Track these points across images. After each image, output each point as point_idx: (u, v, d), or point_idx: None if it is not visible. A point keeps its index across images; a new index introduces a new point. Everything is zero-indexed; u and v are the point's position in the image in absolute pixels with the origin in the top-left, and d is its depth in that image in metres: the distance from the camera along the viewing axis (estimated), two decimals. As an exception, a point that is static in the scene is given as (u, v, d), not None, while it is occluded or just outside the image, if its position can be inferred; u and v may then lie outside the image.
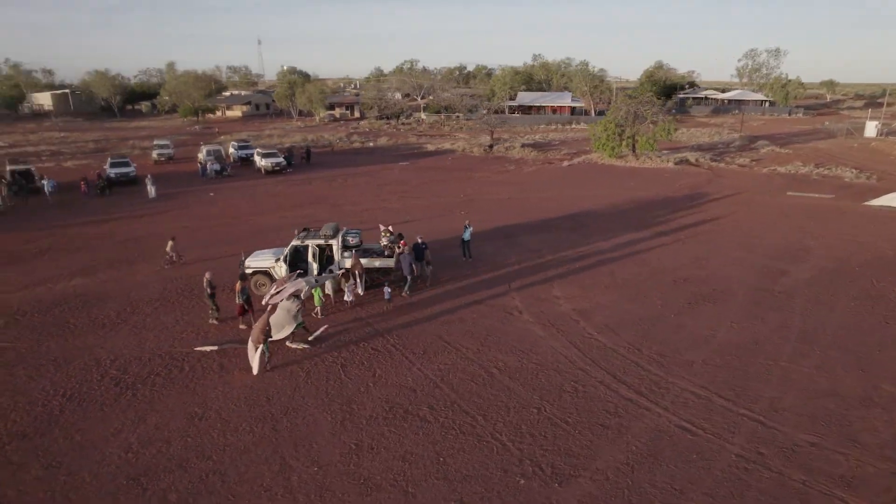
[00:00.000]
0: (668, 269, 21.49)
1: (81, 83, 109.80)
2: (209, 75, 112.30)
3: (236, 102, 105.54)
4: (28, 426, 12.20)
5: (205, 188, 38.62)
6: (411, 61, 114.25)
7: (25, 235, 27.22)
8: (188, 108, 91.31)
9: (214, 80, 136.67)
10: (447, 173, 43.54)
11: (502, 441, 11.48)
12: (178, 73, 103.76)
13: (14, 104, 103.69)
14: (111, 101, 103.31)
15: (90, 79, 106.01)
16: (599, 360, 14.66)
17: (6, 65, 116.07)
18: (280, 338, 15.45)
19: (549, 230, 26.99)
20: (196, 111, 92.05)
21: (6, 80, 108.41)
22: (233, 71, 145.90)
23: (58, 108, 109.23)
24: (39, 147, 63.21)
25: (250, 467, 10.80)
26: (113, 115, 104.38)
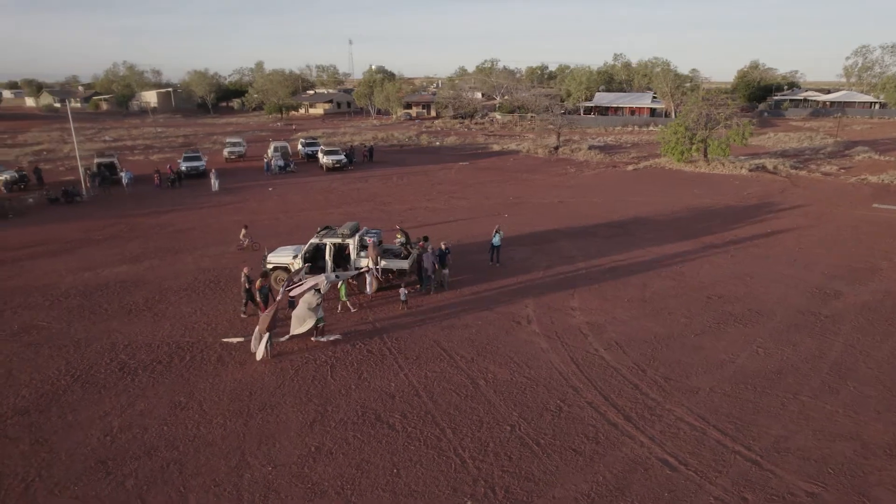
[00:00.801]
0: (705, 284, 19.94)
1: (182, 82, 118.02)
2: (296, 74, 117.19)
3: (319, 100, 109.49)
4: (32, 403, 13.08)
5: (266, 183, 40.24)
6: (491, 60, 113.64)
7: (95, 223, 29.47)
8: (273, 106, 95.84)
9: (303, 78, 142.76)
10: (504, 174, 42.87)
11: (463, 458, 11.01)
12: (267, 72, 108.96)
13: (125, 102, 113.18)
14: (206, 99, 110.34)
15: (190, 78, 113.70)
16: (596, 379, 13.78)
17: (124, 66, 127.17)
18: (300, 332, 15.63)
19: (590, 236, 25.86)
20: (280, 108, 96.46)
21: (121, 80, 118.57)
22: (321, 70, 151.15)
23: (162, 105, 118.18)
24: (136, 141, 68.51)
25: (210, 461, 10.99)
26: (207, 112, 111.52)
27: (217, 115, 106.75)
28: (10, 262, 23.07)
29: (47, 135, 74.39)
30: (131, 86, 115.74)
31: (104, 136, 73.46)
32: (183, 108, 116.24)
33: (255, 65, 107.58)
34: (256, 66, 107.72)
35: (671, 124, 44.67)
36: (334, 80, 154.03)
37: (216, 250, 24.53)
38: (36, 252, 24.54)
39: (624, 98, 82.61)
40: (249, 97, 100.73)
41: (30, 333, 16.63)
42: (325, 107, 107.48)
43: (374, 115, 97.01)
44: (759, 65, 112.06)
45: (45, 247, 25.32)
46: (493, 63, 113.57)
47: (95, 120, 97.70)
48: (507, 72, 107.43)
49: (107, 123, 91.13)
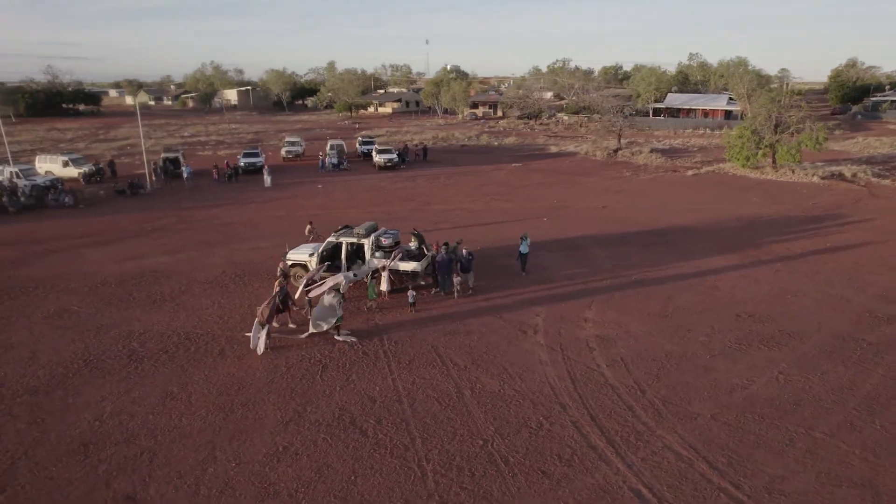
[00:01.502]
0: (738, 301, 18.51)
1: (260, 80, 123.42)
2: (367, 74, 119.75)
3: (389, 100, 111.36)
4: (43, 383, 13.91)
5: (317, 180, 41.24)
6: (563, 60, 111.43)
7: (150, 215, 31.21)
8: (343, 104, 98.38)
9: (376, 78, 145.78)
10: (554, 177, 41.83)
11: (425, 470, 10.69)
12: (339, 71, 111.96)
13: (208, 100, 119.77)
14: (282, 97, 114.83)
15: (267, 77, 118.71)
16: (588, 397, 13.05)
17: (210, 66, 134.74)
18: (320, 331, 15.80)
19: (627, 244, 24.69)
20: (350, 107, 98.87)
21: (205, 79, 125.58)
22: (394, 69, 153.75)
23: (241, 102, 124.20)
24: (210, 137, 72.26)
25: (181, 452, 11.25)
26: (282, 109, 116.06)
27: (291, 113, 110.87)
28: (66, 250, 24.77)
29: (135, 130, 79.76)
30: (214, 84, 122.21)
31: (183, 132, 77.99)
32: (260, 106, 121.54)
33: (327, 64, 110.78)
34: (328, 66, 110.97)
35: (737, 127, 42.00)
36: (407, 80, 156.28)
37: (251, 245, 25.31)
38: (92, 241, 26.24)
39: (697, 99, 78.58)
40: (321, 95, 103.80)
41: (62, 317, 17.74)
42: (393, 106, 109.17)
43: (441, 115, 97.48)
44: (856, 63, 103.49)
45: (100, 236, 27.04)
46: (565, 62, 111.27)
47: (180, 116, 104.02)
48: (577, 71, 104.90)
49: (190, 120, 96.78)
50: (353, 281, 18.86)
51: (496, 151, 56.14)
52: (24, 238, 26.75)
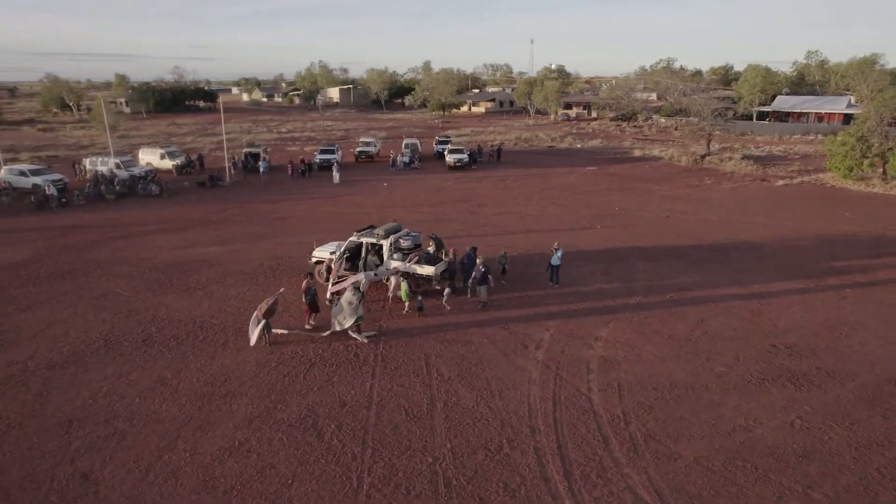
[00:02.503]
0: (781, 329, 16.52)
1: (361, 79, 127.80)
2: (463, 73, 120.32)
3: (482, 99, 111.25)
4: (63, 359, 15.15)
5: (384, 179, 41.96)
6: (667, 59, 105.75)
7: (220, 206, 33.22)
8: (436, 103, 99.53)
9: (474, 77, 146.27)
10: (625, 182, 39.71)
11: (363, 483, 10.44)
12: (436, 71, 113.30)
13: (311, 97, 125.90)
14: (380, 95, 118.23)
15: (368, 76, 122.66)
16: (563, 423, 12.17)
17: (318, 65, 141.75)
18: (341, 329, 16.04)
19: (675, 259, 22.87)
20: (442, 106, 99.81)
21: (311, 77, 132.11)
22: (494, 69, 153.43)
23: (343, 100, 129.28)
24: (304, 133, 75.83)
25: (146, 438, 11.78)
26: (380, 108, 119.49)
27: (388, 111, 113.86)
28: (135, 236, 26.95)
29: (239, 126, 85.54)
30: (318, 82, 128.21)
31: (282, 128, 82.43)
32: (360, 104, 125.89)
33: (423, 64, 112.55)
34: (424, 66, 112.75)
35: (842, 133, 37.56)
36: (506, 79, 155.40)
37: (297, 239, 26.14)
38: (160, 228, 28.37)
39: (811, 102, 71.18)
40: (416, 94, 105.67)
41: (105, 299, 19.27)
42: (486, 105, 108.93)
43: (533, 115, 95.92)
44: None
45: (169, 224, 29.16)
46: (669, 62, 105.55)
47: (284, 113, 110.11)
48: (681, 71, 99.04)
49: (292, 116, 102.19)
50: (373, 280, 18.91)
51: (576, 154, 54.29)
52: (107, 223, 29.43)
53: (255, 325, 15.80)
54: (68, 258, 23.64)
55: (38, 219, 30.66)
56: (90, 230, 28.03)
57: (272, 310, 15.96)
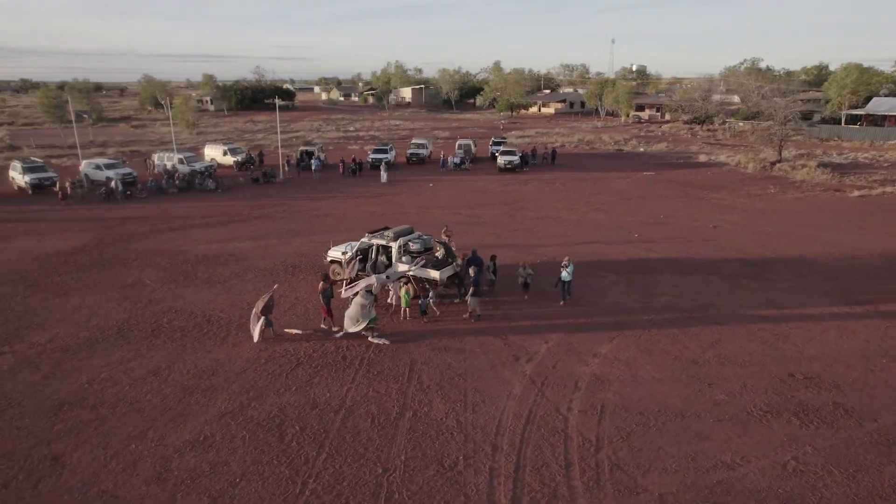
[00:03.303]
0: (805, 357, 15.03)
1: (432, 79, 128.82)
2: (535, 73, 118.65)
3: (552, 100, 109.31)
4: (78, 343, 16.11)
5: (432, 179, 42.00)
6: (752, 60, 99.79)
7: (265, 202, 34.42)
8: (504, 104, 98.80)
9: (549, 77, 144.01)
10: (680, 189, 37.67)
11: (306, 488, 10.37)
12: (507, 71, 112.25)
13: (383, 97, 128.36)
14: (450, 95, 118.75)
15: (439, 76, 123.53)
16: (529, 444, 11.59)
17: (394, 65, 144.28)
18: (354, 331, 16.04)
19: (711, 272, 21.40)
20: (511, 107, 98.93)
21: (384, 76, 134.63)
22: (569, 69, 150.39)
23: (414, 100, 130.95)
24: (370, 132, 77.37)
25: (122, 426, 12.26)
26: (450, 108, 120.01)
27: (457, 111, 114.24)
28: (180, 229, 28.38)
29: (310, 124, 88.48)
30: (391, 82, 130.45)
31: (350, 127, 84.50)
32: (431, 104, 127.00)
33: (493, 64, 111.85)
34: (494, 66, 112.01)
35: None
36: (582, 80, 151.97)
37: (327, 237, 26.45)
38: (204, 222, 29.73)
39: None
40: (485, 95, 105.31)
41: (133, 288, 20.37)
42: (556, 106, 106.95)
43: (603, 117, 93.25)
44: None
45: (213, 218, 30.50)
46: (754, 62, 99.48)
47: (356, 112, 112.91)
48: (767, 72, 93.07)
49: (363, 116, 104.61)
50: (385, 283, 18.87)
51: (637, 158, 52.16)
52: (159, 216, 31.19)
53: (255, 322, 16.19)
54: (115, 248, 25.20)
55: (104, 209, 32.93)
56: (142, 222, 29.78)
57: (269, 306, 16.28)
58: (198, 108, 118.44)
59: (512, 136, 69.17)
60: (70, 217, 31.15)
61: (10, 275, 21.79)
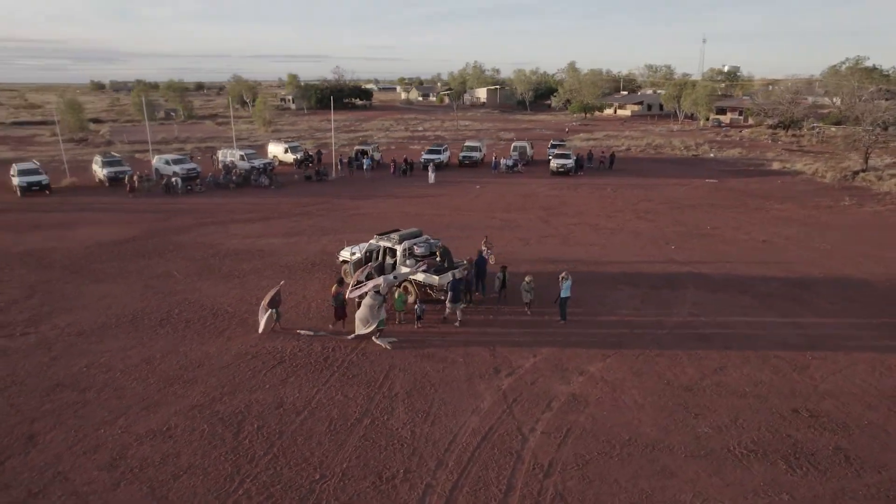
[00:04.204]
0: (817, 393, 13.54)
1: (507, 80, 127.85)
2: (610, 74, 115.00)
3: (629, 102, 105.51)
4: (90, 329, 17.19)
5: (480, 181, 41.61)
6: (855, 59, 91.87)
7: (310, 199, 35.40)
8: (577, 105, 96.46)
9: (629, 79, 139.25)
10: (739, 199, 35.15)
11: (240, 488, 10.47)
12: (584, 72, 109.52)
13: (458, 97, 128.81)
14: (525, 96, 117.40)
15: (514, 76, 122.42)
16: (477, 463, 11.14)
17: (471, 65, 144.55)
18: (364, 333, 16.10)
19: (741, 291, 19.80)
20: (584, 108, 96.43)
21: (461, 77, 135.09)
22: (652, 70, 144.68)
23: (489, 100, 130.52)
24: (437, 132, 77.86)
25: (100, 411, 12.90)
26: (524, 108, 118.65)
27: (530, 112, 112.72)
28: (220, 224, 29.71)
29: (381, 123, 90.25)
30: (467, 83, 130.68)
31: (419, 126, 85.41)
32: (504, 104, 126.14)
33: (567, 65, 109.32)
34: (568, 66, 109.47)
35: None
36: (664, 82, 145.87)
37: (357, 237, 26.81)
38: (246, 217, 30.97)
39: None
40: (559, 96, 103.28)
41: (159, 279, 21.51)
42: (633, 108, 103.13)
43: (681, 120, 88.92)
44: None
45: (256, 214, 31.72)
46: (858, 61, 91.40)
47: (429, 112, 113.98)
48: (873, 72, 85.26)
49: (435, 116, 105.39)
50: (392, 284, 18.85)
51: (703, 164, 49.26)
52: (207, 210, 32.81)
53: (263, 314, 16.66)
54: (158, 240, 26.75)
55: (163, 202, 35.08)
56: (191, 215, 31.44)
57: (276, 299, 16.72)
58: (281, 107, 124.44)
59: (578, 138, 67.40)
60: (132, 209, 33.38)
61: (62, 261, 23.61)
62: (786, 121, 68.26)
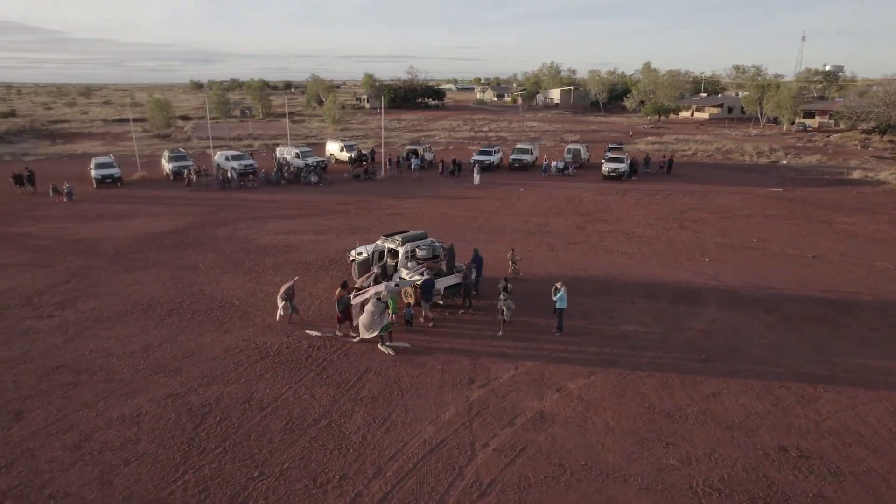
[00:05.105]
0: (816, 431, 12.21)
1: (581, 80, 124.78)
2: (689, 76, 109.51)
3: (708, 104, 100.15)
4: (108, 315, 18.30)
5: (526, 184, 40.84)
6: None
7: (352, 198, 36.08)
8: (651, 107, 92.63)
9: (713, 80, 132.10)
10: (806, 209, 32.40)
11: (181, 479, 10.76)
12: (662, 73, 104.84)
13: (531, 97, 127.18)
14: (598, 97, 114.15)
15: (589, 77, 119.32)
16: (415, 475, 10.87)
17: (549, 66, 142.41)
18: (368, 338, 16.08)
19: (767, 311, 18.24)
20: (658, 110, 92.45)
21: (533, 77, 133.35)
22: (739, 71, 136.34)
23: (562, 101, 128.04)
24: (500, 133, 77.26)
25: (85, 394, 13.69)
26: (598, 110, 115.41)
27: (604, 114, 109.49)
28: (259, 219, 30.84)
29: (448, 123, 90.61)
30: (541, 83, 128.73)
31: (484, 127, 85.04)
32: (577, 105, 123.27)
33: (643, 65, 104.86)
34: (644, 66, 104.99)
35: None
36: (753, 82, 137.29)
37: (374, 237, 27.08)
38: (285, 214, 31.99)
39: None
40: (633, 97, 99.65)
41: (185, 270, 22.60)
42: (712, 111, 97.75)
43: (762, 124, 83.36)
44: None
45: (295, 210, 32.69)
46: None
47: (499, 113, 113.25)
48: None
49: (504, 116, 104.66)
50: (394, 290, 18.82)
51: (772, 172, 45.89)
52: (251, 205, 34.17)
53: (280, 303, 17.27)
54: (199, 232, 28.14)
55: (215, 196, 36.90)
56: (237, 210, 32.86)
57: (290, 293, 17.26)
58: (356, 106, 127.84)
59: (644, 141, 64.74)
60: (186, 202, 35.33)
61: (108, 250, 25.33)
62: (882, 125, 62.33)
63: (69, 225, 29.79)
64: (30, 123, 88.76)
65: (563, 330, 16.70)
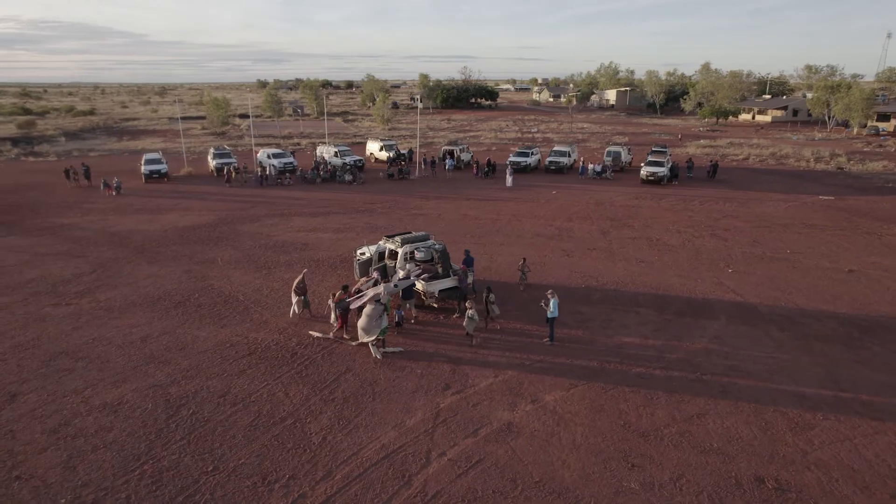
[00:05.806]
0: (800, 461, 11.33)
1: (638, 81, 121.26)
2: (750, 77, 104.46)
3: (771, 106, 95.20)
4: (120, 305, 19.15)
5: (560, 186, 40.04)
6: None
7: (381, 197, 36.35)
8: (708, 110, 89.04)
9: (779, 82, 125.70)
10: (854, 219, 30.23)
11: (138, 469, 11.09)
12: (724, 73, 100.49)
13: (585, 98, 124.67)
14: (655, 99, 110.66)
15: (646, 78, 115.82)
16: (362, 480, 10.79)
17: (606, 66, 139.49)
18: (367, 341, 16.06)
19: (782, 328, 17.12)
20: (716, 112, 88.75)
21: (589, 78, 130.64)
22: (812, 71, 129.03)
23: (618, 102, 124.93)
24: (546, 134, 76.14)
25: (76, 381, 14.33)
26: (654, 112, 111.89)
27: (661, 116, 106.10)
28: (285, 216, 31.53)
29: (498, 123, 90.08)
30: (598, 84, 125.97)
31: (532, 128, 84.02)
32: (633, 107, 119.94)
33: (701, 66, 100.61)
34: (702, 67, 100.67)
35: None
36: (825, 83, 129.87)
37: (400, 237, 27.23)
38: (311, 211, 32.58)
39: None
40: (689, 99, 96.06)
41: (201, 264, 23.37)
42: (775, 114, 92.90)
43: (830, 127, 78.57)
44: None
45: (322, 208, 33.25)
46: None
47: (550, 113, 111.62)
48: None
49: (556, 117, 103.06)
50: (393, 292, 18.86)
51: (827, 178, 43.09)
52: (281, 202, 35.00)
53: (294, 298, 17.67)
54: (225, 227, 29.07)
55: (251, 193, 38.01)
56: (267, 206, 33.74)
57: (301, 287, 17.65)
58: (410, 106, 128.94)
59: (695, 145, 62.26)
60: (222, 197, 36.57)
61: (137, 243, 26.52)
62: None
63: (111, 218, 31.37)
64: (104, 121, 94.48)
65: (556, 340, 16.20)
